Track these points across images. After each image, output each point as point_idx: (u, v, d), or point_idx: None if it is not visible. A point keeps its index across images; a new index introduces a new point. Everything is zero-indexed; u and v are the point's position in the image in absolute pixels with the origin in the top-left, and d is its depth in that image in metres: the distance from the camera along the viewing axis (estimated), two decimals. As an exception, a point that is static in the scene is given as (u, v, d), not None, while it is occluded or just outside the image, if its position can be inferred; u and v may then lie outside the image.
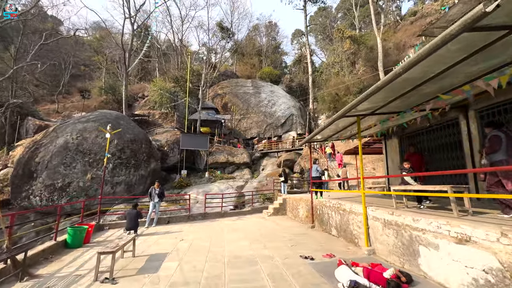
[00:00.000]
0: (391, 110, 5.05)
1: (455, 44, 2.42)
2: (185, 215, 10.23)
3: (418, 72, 3.21)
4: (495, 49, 2.66)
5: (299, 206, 9.49)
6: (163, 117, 29.14)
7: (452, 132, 5.86)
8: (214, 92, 37.51)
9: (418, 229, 3.54)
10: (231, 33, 33.52)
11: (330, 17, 52.76)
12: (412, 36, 31.10)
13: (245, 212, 11.77)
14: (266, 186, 19.93)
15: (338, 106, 30.61)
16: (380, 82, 3.54)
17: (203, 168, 23.67)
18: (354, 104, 4.30)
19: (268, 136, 33.06)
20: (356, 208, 5.36)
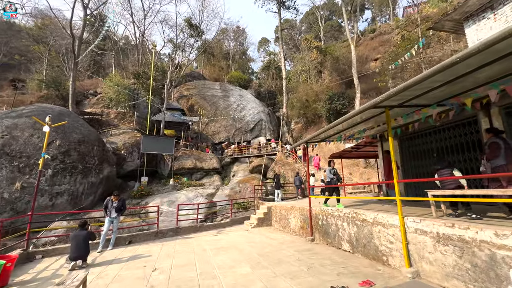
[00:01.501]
0: (424, 101, 4.31)
1: None
2: (152, 232, 8.25)
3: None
4: None
5: (290, 216, 8.38)
6: (120, 117, 25.69)
7: (469, 131, 5.45)
8: (179, 93, 34.93)
9: (508, 248, 2.69)
10: (200, 31, 31.71)
11: (295, 29, 54.89)
12: (373, 50, 33.52)
13: (224, 224, 10.21)
14: (240, 193, 18.51)
15: (307, 112, 31.12)
16: (448, 61, 2.63)
17: (167, 174, 21.16)
18: (401, 89, 3.38)
19: (237, 141, 31.76)
20: (384, 218, 4.44)
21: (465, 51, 2.61)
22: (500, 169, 3.67)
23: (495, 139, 3.89)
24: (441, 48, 20.11)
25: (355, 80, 20.55)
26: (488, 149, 3.89)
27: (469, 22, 5.99)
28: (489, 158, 3.85)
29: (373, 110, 4.54)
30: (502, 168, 3.66)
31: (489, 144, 3.91)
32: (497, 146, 3.75)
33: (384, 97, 3.81)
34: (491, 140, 3.91)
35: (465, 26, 6.12)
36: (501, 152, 3.72)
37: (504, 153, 3.70)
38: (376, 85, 23.51)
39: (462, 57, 2.63)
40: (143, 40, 36.22)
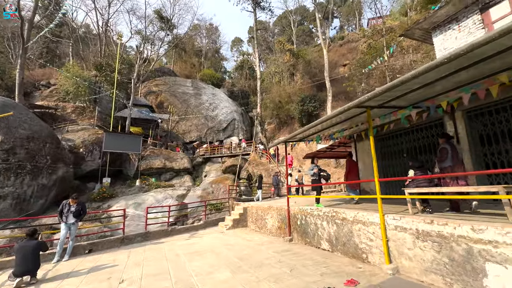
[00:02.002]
0: (402, 103, 4.48)
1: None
2: (117, 238, 7.47)
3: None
4: None
5: (267, 216, 8.25)
6: (79, 112, 23.28)
7: (436, 133, 5.87)
8: (147, 88, 32.93)
9: (483, 242, 2.84)
10: (171, 25, 30.24)
11: (268, 31, 55.66)
12: (342, 56, 35.31)
13: (197, 227, 9.71)
14: (213, 194, 17.99)
15: (280, 113, 31.59)
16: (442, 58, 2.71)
17: (133, 175, 19.71)
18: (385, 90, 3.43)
19: (209, 141, 30.99)
20: (364, 217, 4.51)
21: (443, 57, 2.70)
22: (448, 170, 4.31)
23: (445, 144, 4.48)
24: (402, 58, 21.87)
25: (327, 83, 21.36)
26: (439, 153, 4.49)
27: (437, 32, 6.53)
28: (439, 161, 4.46)
29: (354, 110, 4.59)
30: (449, 169, 4.30)
31: (440, 149, 4.51)
32: (445, 151, 4.38)
33: (368, 97, 3.85)
34: (442, 146, 4.51)
35: (433, 35, 6.65)
36: (448, 155, 4.35)
37: (450, 156, 4.33)
38: (345, 89, 24.73)
39: (441, 62, 2.71)
40: (107, 30, 33.41)
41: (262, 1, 27.13)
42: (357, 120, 5.64)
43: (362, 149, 8.15)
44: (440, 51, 6.46)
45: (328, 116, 4.81)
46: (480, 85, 3.62)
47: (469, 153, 5.15)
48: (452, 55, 2.56)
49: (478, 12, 5.67)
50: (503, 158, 4.75)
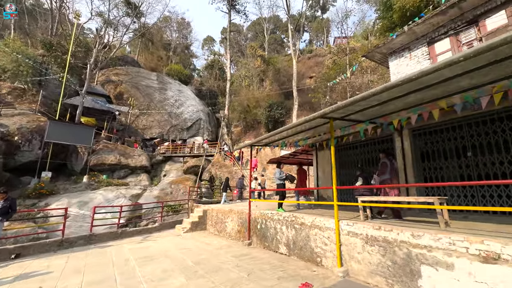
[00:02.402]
0: (360, 117, 4.87)
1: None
2: (54, 241, 6.55)
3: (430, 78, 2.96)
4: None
5: (227, 219, 8.14)
6: (17, 94, 20.16)
7: (386, 147, 6.50)
8: (105, 76, 30.12)
9: (420, 246, 3.20)
10: (139, 12, 28.35)
11: (241, 34, 56.07)
12: (309, 68, 37.22)
13: (151, 230, 9.09)
14: (171, 195, 17.12)
15: (247, 116, 31.83)
16: (397, 81, 3.03)
17: (80, 170, 17.73)
18: (348, 103, 3.69)
19: (172, 139, 29.60)
20: (321, 222, 4.74)
21: (398, 80, 3.02)
22: (387, 182, 4.85)
23: (385, 159, 5.05)
24: (362, 77, 23.95)
25: (294, 92, 22.24)
26: (380, 167, 5.05)
27: (392, 57, 7.33)
28: (379, 174, 5.00)
29: (319, 120, 4.84)
30: (388, 181, 4.84)
31: (381, 163, 5.07)
32: (386, 165, 4.95)
33: (332, 109, 4.09)
34: (383, 160, 5.08)
35: (389, 60, 7.45)
36: (387, 169, 4.90)
37: (389, 170, 4.89)
38: (310, 100, 26.05)
39: (396, 84, 3.03)
40: (62, 6, 29.79)
41: (237, 4, 27.19)
42: (320, 129, 5.95)
43: (322, 158, 8.60)
44: (394, 74, 7.26)
45: (294, 124, 4.97)
46: (425, 108, 4.13)
47: (412, 167, 5.80)
48: (406, 79, 2.87)
49: (426, 45, 6.56)
50: (438, 173, 5.48)
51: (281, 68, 36.18)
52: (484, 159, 4.82)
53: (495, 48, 2.23)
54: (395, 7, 21.53)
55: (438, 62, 2.56)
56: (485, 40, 5.74)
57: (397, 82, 2.96)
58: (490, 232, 3.14)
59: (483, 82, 3.40)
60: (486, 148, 4.81)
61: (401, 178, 5.93)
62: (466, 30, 5.85)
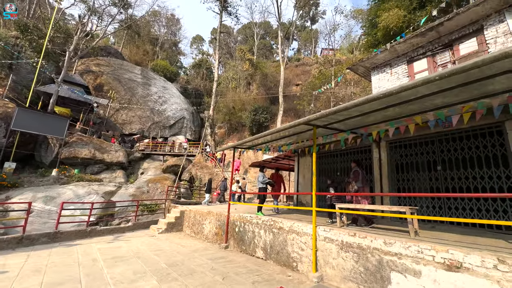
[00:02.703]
0: (342, 127, 5.02)
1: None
2: (12, 238, 6.01)
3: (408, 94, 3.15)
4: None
5: (205, 221, 7.98)
6: (-17, 77, 18.55)
7: (364, 157, 6.75)
8: (85, 65, 28.68)
9: (391, 254, 3.33)
10: (126, 3, 27.44)
11: (231, 36, 56.20)
12: (296, 76, 37.99)
13: (124, 229, 8.67)
14: (148, 194, 16.51)
15: (232, 118, 31.73)
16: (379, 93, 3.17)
17: (49, 162, 16.62)
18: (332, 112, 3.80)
19: (153, 136, 28.70)
20: (299, 227, 4.78)
21: (380, 93, 3.17)
22: (360, 190, 5.11)
23: (357, 168, 5.35)
24: (345, 88, 24.85)
25: (280, 98, 22.53)
26: (353, 175, 5.33)
27: (375, 72, 7.70)
28: (353, 181, 5.29)
29: (303, 126, 4.93)
30: (361, 189, 5.12)
31: (353, 171, 5.37)
32: (358, 173, 5.23)
33: (316, 117, 4.19)
34: (355, 169, 5.36)
35: (372, 74, 7.81)
36: (360, 177, 5.16)
37: (361, 178, 5.17)
38: (295, 106, 26.56)
39: (378, 96, 3.18)
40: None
41: (229, 6, 27.24)
42: (303, 136, 6.06)
43: (303, 164, 8.75)
44: (376, 88, 7.62)
45: (279, 128, 5.02)
46: (402, 122, 4.35)
47: (387, 178, 6.07)
48: (387, 92, 3.01)
49: (406, 63, 6.96)
50: (410, 185, 5.78)
51: (269, 73, 36.59)
52: (452, 173, 5.16)
53: (467, 70, 2.41)
54: (379, 25, 22.70)
55: (416, 79, 2.72)
56: (458, 63, 6.21)
57: (379, 95, 3.10)
58: (454, 242, 3.35)
59: (455, 101, 3.66)
60: (454, 163, 5.16)
61: (377, 187, 6.18)
62: (442, 53, 6.30)
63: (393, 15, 15.83)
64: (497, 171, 4.56)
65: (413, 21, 18.28)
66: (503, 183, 4.46)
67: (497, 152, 4.61)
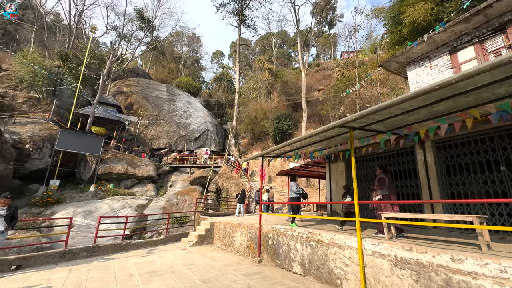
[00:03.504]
0: (381, 127, 4.58)
1: None
2: (56, 252, 6.29)
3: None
4: None
5: (236, 234, 7.75)
6: (32, 103, 20.70)
7: (406, 160, 6.12)
8: (117, 88, 30.90)
9: (463, 272, 2.79)
10: (152, 26, 29.36)
11: (250, 49, 57.42)
12: (317, 81, 37.33)
13: (156, 242, 8.75)
14: (177, 206, 16.81)
15: (255, 128, 31.76)
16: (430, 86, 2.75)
17: (87, 179, 17.72)
18: (372, 111, 3.42)
19: (179, 149, 29.65)
20: (341, 240, 4.35)
21: (434, 84, 2.76)
22: (385, 197, 4.77)
23: (382, 175, 4.98)
24: (371, 90, 23.74)
25: (303, 104, 22.12)
26: (377, 182, 4.95)
27: (411, 66, 7.12)
28: (378, 189, 4.89)
29: (337, 129, 4.57)
30: (387, 197, 4.76)
31: (378, 179, 4.99)
32: (383, 181, 4.88)
33: (354, 117, 3.83)
34: (380, 176, 4.99)
35: (407, 69, 7.24)
36: (385, 184, 4.82)
37: (387, 185, 4.81)
38: (318, 112, 25.87)
39: (431, 89, 2.76)
40: (80, 22, 31.19)
41: (247, 19, 27.87)
42: (335, 140, 5.65)
43: (335, 170, 8.23)
44: (413, 84, 7.01)
45: (311, 133, 4.70)
46: (454, 118, 3.82)
47: (436, 182, 5.40)
48: (443, 83, 2.60)
49: (447, 54, 6.32)
50: (465, 189, 5.06)
51: (289, 81, 36.38)
52: (521, 174, 4.41)
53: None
54: (404, 21, 21.61)
55: (484, 64, 2.30)
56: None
57: (433, 87, 2.70)
58: (544, 258, 2.72)
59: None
60: (521, 163, 4.41)
61: (424, 193, 5.53)
62: (493, 38, 5.60)
63: (419, 9, 14.94)
64: None
65: (441, 13, 17.14)
66: None
67: None
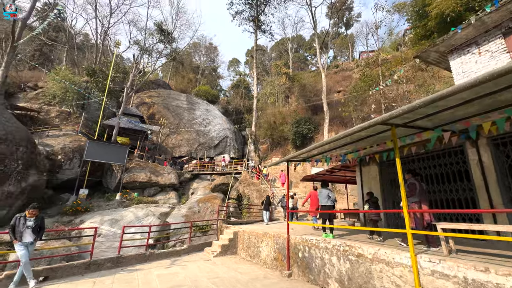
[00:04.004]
0: (427, 123, 3.97)
1: None
2: (82, 263, 6.24)
3: None
4: None
5: (261, 244, 7.29)
6: (63, 117, 22.03)
7: (455, 161, 5.36)
8: (140, 99, 32.19)
9: None
10: (171, 38, 30.38)
11: (265, 55, 57.67)
12: (336, 83, 36.29)
13: (180, 252, 8.52)
14: (199, 214, 16.69)
15: (274, 133, 31.31)
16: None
17: (113, 187, 18.23)
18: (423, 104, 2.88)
19: (199, 157, 29.94)
20: (388, 255, 3.75)
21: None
22: (415, 205, 4.34)
23: (412, 180, 4.56)
24: (396, 88, 22.44)
25: (325, 106, 21.38)
26: (408, 188, 4.48)
27: (454, 55, 6.37)
28: (408, 196, 4.40)
29: (375, 128, 4.04)
30: (416, 204, 4.34)
31: (408, 184, 4.54)
32: (414, 186, 4.45)
33: (398, 113, 3.30)
34: (410, 181, 4.57)
35: (449, 58, 6.48)
36: (416, 191, 4.41)
37: (418, 192, 4.40)
38: (339, 114, 24.93)
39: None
40: (105, 39, 33.17)
41: (263, 24, 27.93)
42: (371, 140, 5.08)
43: (368, 175, 7.54)
44: (459, 74, 6.23)
45: (345, 133, 4.20)
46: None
47: (496, 185, 4.61)
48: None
49: (501, 37, 5.53)
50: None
51: (307, 84, 35.72)
52: None
53: None
54: (431, 14, 20.33)
55: None
56: None
57: None
58: None
59: None
60: None
61: (482, 199, 4.75)
62: (556, 15, 4.79)
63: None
64: None
65: (472, 2, 15.97)
66: None
67: None
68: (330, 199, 5.84)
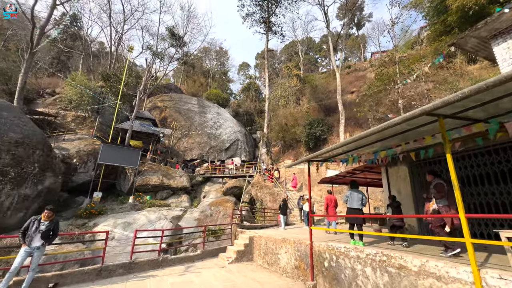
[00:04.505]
0: (481, 114, 3.41)
1: None
2: (93, 269, 5.96)
3: None
4: None
5: (280, 251, 6.79)
6: (79, 121, 22.45)
7: (497, 160, 4.71)
8: (152, 103, 32.59)
9: None
10: (182, 42, 30.67)
11: (275, 58, 57.48)
12: (349, 84, 35.40)
13: (193, 258, 8.15)
14: (211, 217, 16.34)
15: (286, 135, 30.75)
16: None
17: (126, 190, 18.24)
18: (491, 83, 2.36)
19: (211, 160, 29.81)
20: (440, 268, 3.19)
21: None
22: (445, 209, 3.89)
23: (439, 180, 4.14)
24: (415, 87, 21.46)
25: (340, 106, 20.72)
26: (434, 189, 4.06)
27: (498, 40, 5.72)
28: (437, 198, 4.02)
29: (419, 119, 3.52)
30: (447, 208, 3.89)
31: (435, 185, 4.10)
32: (442, 187, 4.02)
33: (449, 100, 2.79)
34: (436, 181, 4.13)
35: (492, 44, 5.84)
36: (445, 192, 3.98)
37: (447, 193, 3.97)
38: (353, 115, 24.10)
39: None
40: (119, 44, 33.95)
41: (274, 25, 27.71)
42: (409, 136, 4.53)
43: (396, 176, 6.92)
44: (505, 61, 5.56)
45: (382, 127, 3.69)
46: None
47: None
48: None
49: None
50: None
51: (319, 85, 35.06)
52: None
53: None
54: (451, 8, 19.40)
55: None
56: None
57: None
58: None
59: None
60: None
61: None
62: None
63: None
64: None
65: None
66: None
67: None
68: (361, 203, 5.28)
